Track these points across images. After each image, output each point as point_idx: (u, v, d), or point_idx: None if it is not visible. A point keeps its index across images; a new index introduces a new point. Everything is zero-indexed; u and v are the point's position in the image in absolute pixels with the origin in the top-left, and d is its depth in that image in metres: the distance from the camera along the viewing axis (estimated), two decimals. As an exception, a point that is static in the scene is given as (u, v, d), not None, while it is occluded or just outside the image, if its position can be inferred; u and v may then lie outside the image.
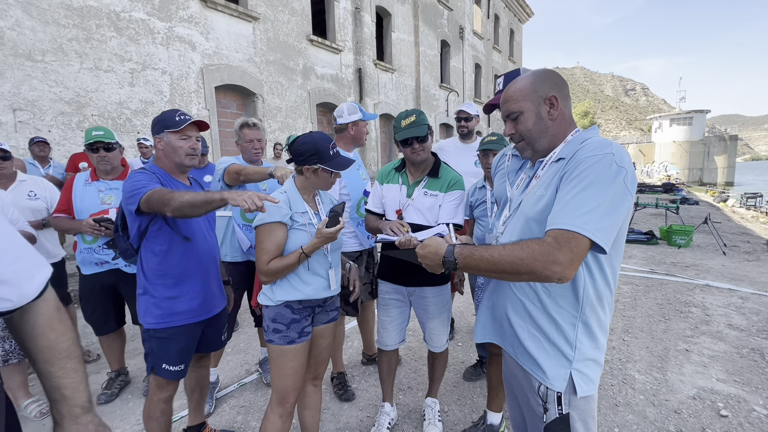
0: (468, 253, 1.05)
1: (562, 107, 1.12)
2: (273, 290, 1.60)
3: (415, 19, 12.69)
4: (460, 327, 3.64)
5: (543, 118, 1.12)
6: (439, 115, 14.30)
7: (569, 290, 1.05)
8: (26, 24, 4.64)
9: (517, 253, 0.95)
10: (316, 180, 1.63)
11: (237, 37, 7.19)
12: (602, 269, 1.04)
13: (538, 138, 1.13)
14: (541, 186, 1.09)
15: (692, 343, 3.20)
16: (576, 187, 0.96)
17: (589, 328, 1.07)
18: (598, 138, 1.07)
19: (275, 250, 1.53)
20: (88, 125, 5.19)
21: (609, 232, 0.93)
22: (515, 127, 1.16)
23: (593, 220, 0.91)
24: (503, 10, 19.86)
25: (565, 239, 0.91)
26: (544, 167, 1.13)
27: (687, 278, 4.97)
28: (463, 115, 3.07)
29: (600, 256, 1.02)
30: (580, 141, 1.08)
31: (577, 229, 0.91)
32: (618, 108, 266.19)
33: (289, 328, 1.59)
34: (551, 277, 0.92)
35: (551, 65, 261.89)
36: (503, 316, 1.20)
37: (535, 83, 1.12)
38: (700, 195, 18.68)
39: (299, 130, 8.62)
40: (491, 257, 0.99)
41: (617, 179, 0.95)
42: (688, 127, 32.97)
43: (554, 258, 0.91)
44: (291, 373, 1.59)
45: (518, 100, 1.13)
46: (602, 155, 0.97)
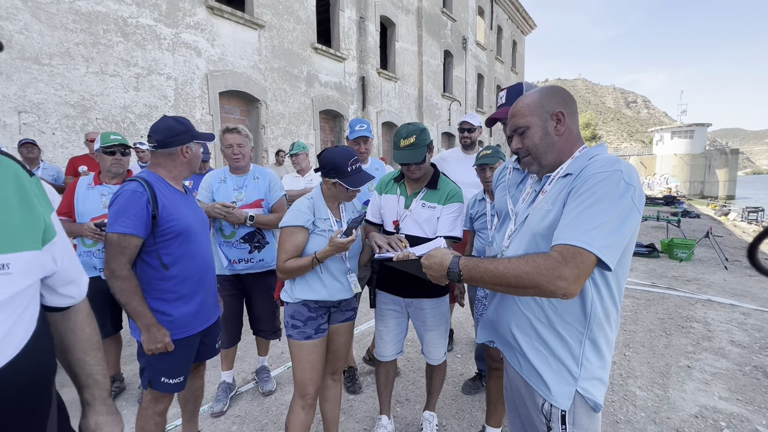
0: (473, 265, 1.04)
1: (569, 123, 1.13)
2: (293, 288, 1.74)
3: (419, 29, 12.82)
4: (459, 339, 3.61)
5: (550, 133, 1.12)
6: (441, 124, 14.37)
7: (577, 306, 1.04)
8: (34, 28, 4.69)
9: (522, 267, 0.94)
10: (336, 192, 1.73)
11: (242, 44, 7.26)
12: (609, 286, 1.04)
13: (544, 153, 1.13)
14: (548, 201, 1.09)
15: (694, 360, 3.17)
16: (583, 203, 0.96)
17: (596, 346, 1.06)
18: (606, 155, 1.07)
19: (293, 251, 1.66)
20: (92, 128, 5.22)
21: (615, 249, 0.93)
22: (522, 141, 1.16)
23: (599, 236, 0.91)
24: (506, 22, 20.07)
25: (571, 255, 0.91)
26: (551, 182, 1.13)
27: (688, 293, 4.94)
28: (466, 126, 3.08)
29: (607, 273, 1.02)
30: (587, 157, 1.08)
31: (583, 245, 0.90)
32: (619, 120, 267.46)
33: (306, 325, 1.72)
34: (556, 292, 0.91)
35: (553, 77, 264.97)
36: (507, 332, 1.19)
37: (543, 99, 1.13)
38: (701, 208, 18.66)
39: (302, 137, 8.66)
40: (496, 270, 0.98)
41: (625, 196, 0.94)
42: (690, 140, 33.08)
43: (559, 273, 0.90)
44: (309, 366, 1.72)
45: (525, 115, 1.14)
46: (610, 172, 0.97)
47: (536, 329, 1.10)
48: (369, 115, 10.71)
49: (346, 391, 2.67)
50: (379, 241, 1.74)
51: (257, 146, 7.74)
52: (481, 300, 2.10)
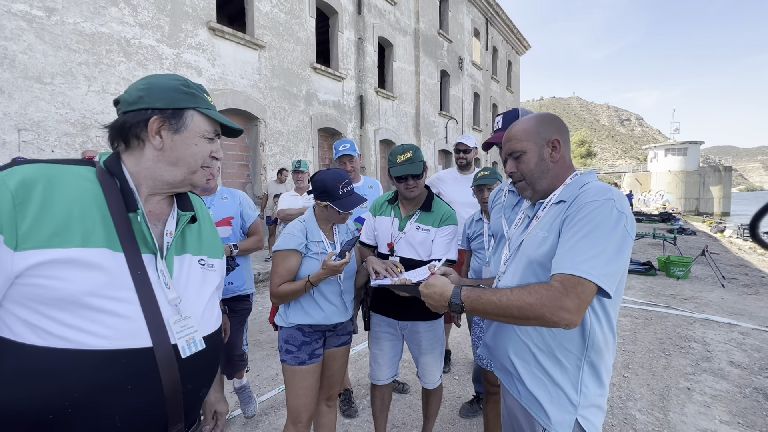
0: (475, 297, 1.04)
1: (564, 151, 1.15)
2: (287, 313, 1.72)
3: (416, 49, 13.13)
4: (457, 360, 3.56)
5: (545, 159, 1.14)
6: (438, 141, 14.55)
7: (576, 332, 1.05)
8: (38, 48, 4.78)
9: (525, 299, 0.95)
10: (330, 215, 1.73)
11: (242, 64, 7.41)
12: (606, 311, 1.05)
13: (538, 179, 1.15)
14: (543, 228, 1.10)
15: (694, 381, 3.13)
16: (579, 231, 0.98)
17: (595, 371, 1.06)
18: (597, 183, 1.09)
19: (287, 275, 1.65)
20: (91, 146, 5.26)
21: (614, 278, 0.95)
22: (517, 166, 1.18)
23: (598, 265, 0.92)
24: (501, 43, 20.59)
25: (572, 285, 0.92)
26: (544, 208, 1.14)
27: (687, 311, 4.92)
28: (462, 147, 3.13)
29: (605, 300, 1.04)
30: (579, 185, 1.10)
31: (584, 275, 0.92)
32: (614, 137, 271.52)
33: (300, 350, 1.69)
34: (559, 323, 0.92)
35: (548, 95, 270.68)
36: (505, 358, 1.18)
37: (539, 126, 1.15)
38: (696, 225, 18.78)
39: (300, 154, 8.74)
40: (499, 302, 0.99)
41: (619, 225, 0.97)
42: (683, 158, 33.56)
43: (562, 304, 0.91)
44: (302, 393, 1.68)
45: (521, 140, 1.16)
46: (603, 201, 0.99)
47: (535, 356, 1.10)
48: (367, 132, 10.84)
49: (341, 415, 2.61)
50: (376, 267, 1.73)
51: (255, 164, 7.80)
52: (477, 322, 2.09)
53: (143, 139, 0.82)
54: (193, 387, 0.84)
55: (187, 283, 0.86)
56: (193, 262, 0.90)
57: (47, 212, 0.69)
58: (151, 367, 0.75)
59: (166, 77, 0.86)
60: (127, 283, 0.74)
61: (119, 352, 0.72)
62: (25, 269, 0.67)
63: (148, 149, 0.83)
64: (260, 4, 7.78)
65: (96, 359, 0.70)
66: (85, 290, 0.69)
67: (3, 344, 0.68)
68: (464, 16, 16.32)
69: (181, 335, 0.80)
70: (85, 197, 0.75)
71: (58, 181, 0.73)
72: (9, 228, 0.66)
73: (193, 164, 0.87)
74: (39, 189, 0.70)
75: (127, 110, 0.82)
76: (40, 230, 0.68)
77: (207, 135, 0.88)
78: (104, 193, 0.77)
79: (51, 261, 0.68)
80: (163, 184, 0.86)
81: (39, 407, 0.67)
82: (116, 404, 0.72)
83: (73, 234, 0.71)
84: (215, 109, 0.91)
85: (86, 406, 0.69)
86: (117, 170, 0.81)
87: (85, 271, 0.70)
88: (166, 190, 0.88)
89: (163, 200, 0.89)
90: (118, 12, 5.53)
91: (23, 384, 0.67)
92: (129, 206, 0.79)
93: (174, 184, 0.87)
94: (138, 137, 0.82)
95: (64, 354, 0.68)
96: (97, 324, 0.70)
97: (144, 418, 0.76)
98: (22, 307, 0.68)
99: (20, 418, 0.67)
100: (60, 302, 0.68)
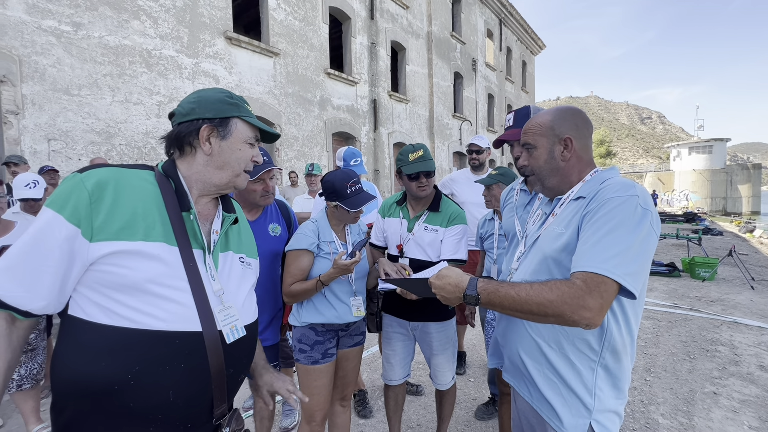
0: (493, 289, 0.99)
1: (578, 150, 1.10)
2: (300, 312, 1.74)
3: (429, 52, 13.14)
4: (472, 362, 3.53)
5: (555, 157, 1.11)
6: (452, 143, 14.49)
7: (591, 333, 1.00)
8: (66, 61, 5.02)
9: (545, 295, 0.91)
10: (340, 215, 1.75)
11: (258, 71, 7.57)
12: (625, 314, 1.00)
13: (547, 176, 1.13)
14: (560, 224, 1.06)
15: (720, 386, 3.02)
16: (602, 228, 0.93)
17: (610, 375, 1.01)
18: (620, 179, 1.04)
19: (299, 275, 1.67)
20: (115, 154, 5.46)
21: (639, 277, 0.90)
22: (528, 159, 1.16)
23: (622, 263, 0.88)
24: (515, 43, 20.39)
25: (595, 283, 0.87)
26: (561, 205, 1.11)
27: (713, 314, 4.74)
28: (475, 148, 3.12)
29: (624, 301, 0.99)
30: (600, 181, 1.06)
31: (607, 273, 0.87)
32: (634, 136, 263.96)
33: (313, 349, 1.71)
34: (579, 322, 0.88)
35: (565, 95, 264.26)
36: (516, 357, 1.14)
37: (555, 121, 1.11)
38: (724, 225, 18.06)
39: (315, 159, 8.85)
40: (518, 296, 0.94)
41: (643, 222, 0.92)
42: (708, 156, 32.38)
43: (584, 303, 0.87)
44: (316, 392, 1.70)
45: (534, 134, 1.13)
46: (627, 197, 0.94)
47: (547, 356, 1.05)
48: (381, 136, 10.90)
49: (356, 415, 2.63)
50: (387, 269, 1.75)
51: (271, 168, 7.93)
52: (490, 322, 2.08)
53: (195, 146, 0.93)
54: (234, 371, 0.92)
55: (229, 277, 0.96)
56: (234, 259, 1.00)
57: (116, 209, 0.80)
58: (200, 349, 0.84)
59: (213, 91, 0.97)
60: (180, 274, 0.84)
61: (175, 333, 0.81)
62: (98, 258, 0.78)
63: (199, 155, 0.94)
64: (275, 13, 7.95)
65: (155, 338, 0.79)
66: (146, 278, 0.79)
67: (76, 323, 0.79)
68: (477, 17, 16.25)
69: (225, 323, 0.89)
70: (147, 197, 0.85)
71: (125, 183, 0.84)
72: (86, 222, 0.77)
73: (237, 168, 0.97)
74: (110, 189, 0.81)
75: (181, 121, 0.93)
76: (110, 225, 0.79)
77: (249, 140, 0.98)
78: (162, 194, 0.88)
79: (119, 252, 0.78)
80: (210, 186, 0.97)
81: (106, 378, 0.76)
82: (170, 380, 0.81)
83: (137, 229, 0.81)
84: (255, 117, 1.01)
85: (145, 379, 0.78)
86: (173, 174, 0.93)
87: (147, 262, 0.80)
88: (213, 192, 0.98)
89: (209, 202, 1.00)
90: (140, 25, 5.75)
91: (93, 357, 0.76)
92: (183, 206, 0.90)
93: (220, 186, 0.97)
94: (191, 144, 0.93)
95: (129, 332, 0.78)
96: (156, 308, 0.80)
97: (193, 395, 0.85)
98: (93, 291, 0.79)
99: (90, 388, 0.76)
100: (125, 287, 0.79)
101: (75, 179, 0.79)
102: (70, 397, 0.78)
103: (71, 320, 0.79)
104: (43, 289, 0.76)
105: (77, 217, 0.77)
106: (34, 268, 0.75)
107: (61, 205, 0.77)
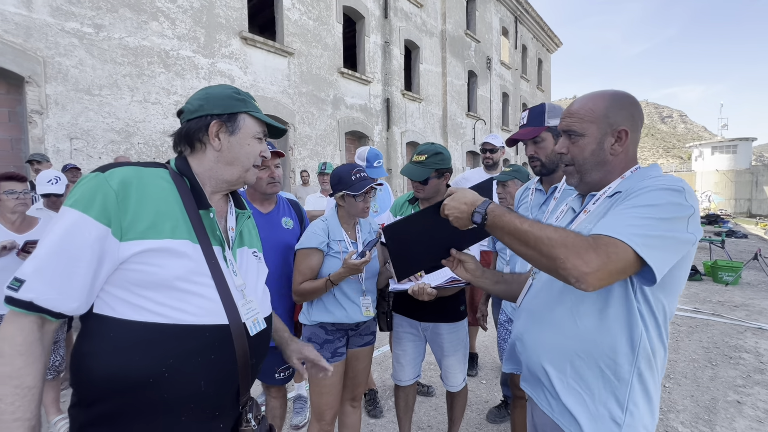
0: (500, 212, 0.94)
1: (629, 143, 0.99)
2: (310, 311, 1.75)
3: (443, 51, 13.05)
4: (485, 363, 3.49)
5: (604, 149, 0.98)
6: (465, 143, 14.36)
7: (623, 335, 0.90)
8: (88, 62, 5.15)
9: (548, 232, 0.84)
10: (348, 206, 1.73)
11: (273, 71, 7.64)
12: (655, 318, 0.91)
13: (590, 169, 1.01)
14: (591, 221, 0.97)
15: (744, 394, 2.91)
16: (631, 206, 0.85)
17: (645, 387, 0.91)
18: (666, 175, 0.94)
19: (308, 273, 1.67)
20: (134, 152, 5.59)
21: (659, 253, 0.79)
22: (569, 148, 1.02)
23: (642, 234, 0.79)
24: (531, 41, 20.07)
25: (604, 242, 0.79)
26: (596, 202, 1.01)
27: (736, 319, 4.57)
28: (488, 147, 3.08)
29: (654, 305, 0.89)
30: (641, 178, 0.96)
31: (622, 237, 0.79)
32: (654, 135, 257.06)
33: (322, 348, 1.71)
34: (570, 272, 0.79)
35: (581, 93, 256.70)
36: (536, 366, 1.03)
37: (611, 108, 0.98)
38: (749, 227, 17.42)
39: (328, 158, 8.89)
40: (520, 226, 0.88)
41: (682, 213, 0.83)
42: (732, 155, 31.27)
43: (584, 254, 0.78)
44: (325, 391, 1.70)
45: (583, 121, 0.99)
46: (675, 189, 0.86)
47: (573, 364, 0.95)
48: (393, 135, 10.87)
49: (366, 415, 2.63)
50: None
51: (284, 167, 8.00)
52: (503, 324, 2.04)
53: (205, 142, 0.94)
54: (256, 361, 0.96)
55: (248, 272, 0.99)
56: (249, 254, 1.03)
57: (142, 208, 0.81)
58: (228, 341, 0.87)
59: (220, 87, 0.98)
60: (204, 270, 0.86)
61: (204, 327, 0.84)
62: (128, 257, 0.79)
63: (209, 151, 0.94)
64: (290, 13, 8.00)
65: (186, 332, 0.82)
66: (175, 275, 0.82)
67: (106, 321, 0.80)
68: (492, 15, 16.05)
69: (247, 316, 0.92)
70: (167, 195, 0.87)
71: (146, 181, 0.85)
72: (116, 222, 0.78)
73: (247, 163, 0.97)
74: (134, 188, 0.82)
75: (190, 118, 0.94)
76: (137, 223, 0.80)
77: (257, 135, 0.98)
78: (179, 192, 0.89)
79: (148, 250, 0.80)
80: (222, 183, 0.98)
81: (142, 372, 0.79)
82: (202, 371, 0.84)
83: (163, 227, 0.83)
84: (262, 112, 1.01)
85: (178, 371, 0.81)
86: (187, 172, 0.93)
87: (175, 259, 0.82)
88: (224, 188, 0.99)
89: (221, 199, 1.01)
90: (159, 26, 5.86)
91: (128, 353, 0.79)
92: (202, 204, 0.91)
93: (231, 182, 0.98)
94: (200, 141, 0.93)
95: (162, 327, 0.80)
96: (185, 303, 0.83)
97: (222, 385, 0.88)
98: (122, 289, 0.80)
99: (126, 382, 0.79)
100: (155, 285, 0.81)
101: (98, 178, 0.79)
102: (103, 392, 0.79)
103: (100, 319, 0.80)
104: (75, 290, 0.76)
105: (107, 217, 0.77)
106: (65, 269, 0.75)
107: (87, 205, 0.76)
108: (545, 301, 1.04)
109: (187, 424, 0.85)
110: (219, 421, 0.91)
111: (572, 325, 0.96)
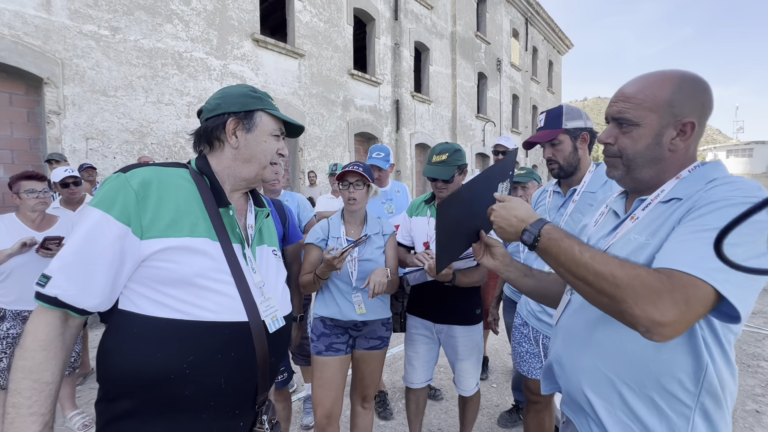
0: (558, 236, 0.80)
1: (693, 139, 0.83)
2: (316, 304, 1.84)
3: (453, 53, 13.02)
4: (495, 367, 3.46)
5: (662, 144, 0.83)
6: (475, 144, 14.29)
7: (686, 367, 0.76)
8: (104, 64, 5.25)
9: (612, 268, 0.70)
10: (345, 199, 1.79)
11: (284, 73, 7.70)
12: (721, 345, 0.77)
13: (641, 165, 0.86)
14: (642, 231, 0.82)
15: (764, 404, 2.83)
16: (703, 227, 0.70)
17: (711, 425, 0.77)
18: (738, 178, 0.77)
19: (308, 267, 1.77)
20: (147, 152, 5.67)
21: (745, 291, 0.66)
22: (618, 138, 0.87)
23: (723, 266, 0.63)
24: (541, 43, 19.93)
25: (681, 282, 0.65)
26: (645, 207, 0.86)
27: (754, 327, 4.46)
28: (500, 148, 3.06)
29: (720, 330, 0.75)
30: (703, 180, 0.80)
31: (700, 274, 0.64)
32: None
33: (318, 339, 1.79)
34: (639, 320, 0.66)
35: (593, 95, 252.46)
36: (578, 393, 0.91)
37: (677, 95, 0.81)
38: (765, 233, 17.02)
39: (338, 159, 8.92)
40: (580, 255, 0.75)
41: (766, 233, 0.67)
42: (748, 159, 30.67)
43: (659, 300, 0.64)
44: (319, 383, 1.74)
45: (641, 108, 0.83)
46: (754, 200, 0.69)
47: (621, 395, 0.82)
48: (403, 137, 10.87)
49: (376, 417, 2.62)
50: (419, 257, 1.70)
51: (294, 168, 8.05)
52: (518, 327, 2.02)
53: (222, 140, 0.95)
54: (275, 360, 0.95)
55: (267, 270, 1.00)
56: (268, 252, 1.04)
57: (162, 207, 0.83)
58: (247, 339, 0.88)
59: (237, 87, 1.00)
60: (224, 267, 0.87)
61: (224, 324, 0.85)
62: (149, 255, 0.81)
63: (227, 149, 0.96)
64: (301, 15, 8.06)
65: (206, 329, 0.83)
66: (195, 272, 0.83)
67: (130, 317, 0.81)
68: (503, 17, 15.98)
69: (266, 313, 0.92)
70: (187, 194, 0.88)
71: (167, 180, 0.87)
72: (135, 221, 0.80)
73: (264, 160, 0.98)
74: (154, 188, 0.83)
75: (208, 116, 0.96)
76: (158, 222, 0.82)
77: (274, 133, 0.99)
78: (199, 190, 0.91)
79: (168, 248, 0.81)
80: (240, 181, 0.99)
81: (163, 368, 0.80)
82: (222, 368, 0.84)
83: (183, 225, 0.84)
84: (278, 110, 1.02)
85: (200, 367, 0.82)
86: (208, 171, 0.95)
87: (195, 257, 0.83)
88: (243, 186, 1.01)
89: (241, 197, 1.03)
90: (173, 28, 5.95)
91: (150, 348, 0.80)
92: (221, 202, 0.92)
93: (249, 179, 0.99)
94: (219, 139, 0.95)
95: (182, 324, 0.81)
96: (206, 300, 0.83)
97: (241, 383, 0.89)
98: (144, 286, 0.82)
99: (148, 377, 0.80)
100: (175, 282, 0.82)
101: (120, 179, 0.81)
102: (127, 387, 0.80)
103: (123, 315, 0.82)
104: (97, 287, 0.78)
105: (126, 216, 0.79)
106: (87, 267, 0.77)
107: (109, 205, 0.79)
108: (586, 320, 0.91)
109: (208, 422, 0.85)
110: (238, 419, 0.91)
111: (617, 349, 0.83)
